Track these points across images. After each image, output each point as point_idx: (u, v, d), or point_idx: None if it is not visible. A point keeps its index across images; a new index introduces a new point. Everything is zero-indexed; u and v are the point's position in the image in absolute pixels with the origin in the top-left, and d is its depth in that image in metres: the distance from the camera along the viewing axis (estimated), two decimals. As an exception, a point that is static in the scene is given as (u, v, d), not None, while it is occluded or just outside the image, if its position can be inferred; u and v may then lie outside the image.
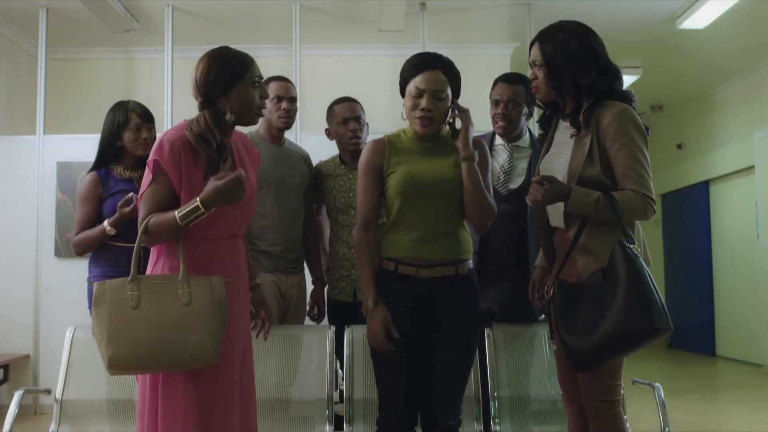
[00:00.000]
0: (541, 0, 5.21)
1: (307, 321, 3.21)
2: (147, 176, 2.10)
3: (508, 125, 3.00)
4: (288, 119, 3.10)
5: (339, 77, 5.85)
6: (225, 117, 2.15)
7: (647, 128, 2.19)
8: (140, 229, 2.05)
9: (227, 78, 2.13)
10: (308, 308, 3.20)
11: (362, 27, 5.69)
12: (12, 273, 5.05)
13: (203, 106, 2.14)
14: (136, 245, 2.06)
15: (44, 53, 5.23)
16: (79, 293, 3.05)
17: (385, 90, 4.24)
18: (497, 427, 2.83)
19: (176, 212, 2.02)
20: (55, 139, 5.16)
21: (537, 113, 2.57)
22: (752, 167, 7.07)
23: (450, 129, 2.44)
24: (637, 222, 2.28)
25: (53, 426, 2.82)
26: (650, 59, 6.58)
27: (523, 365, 2.95)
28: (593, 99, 2.18)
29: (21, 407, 2.82)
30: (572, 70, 2.18)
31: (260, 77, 2.22)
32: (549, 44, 2.21)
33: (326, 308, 3.19)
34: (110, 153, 2.99)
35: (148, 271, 2.14)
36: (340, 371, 3.01)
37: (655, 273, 3.12)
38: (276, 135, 3.13)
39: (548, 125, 2.38)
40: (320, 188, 3.19)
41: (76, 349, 2.92)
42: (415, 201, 2.36)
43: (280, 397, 2.86)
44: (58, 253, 5.03)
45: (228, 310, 2.05)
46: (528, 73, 2.37)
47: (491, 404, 2.86)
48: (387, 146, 2.43)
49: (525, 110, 3.03)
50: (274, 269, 3.01)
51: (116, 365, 1.95)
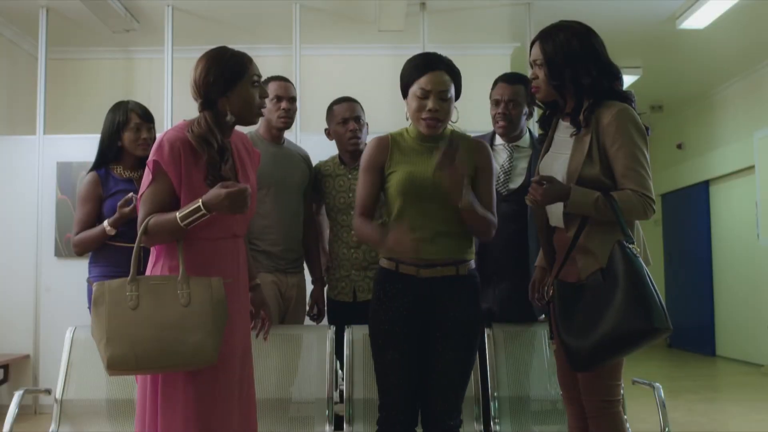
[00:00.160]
0: (541, 0, 5.21)
1: (307, 321, 3.21)
2: (147, 176, 2.10)
3: (509, 125, 3.00)
4: (288, 119, 3.10)
5: (339, 77, 5.85)
6: (225, 118, 2.15)
7: (647, 128, 2.19)
8: (140, 230, 2.05)
9: (227, 78, 2.13)
10: (308, 308, 3.20)
11: (362, 27, 5.69)
12: (12, 273, 5.05)
13: (203, 107, 2.14)
14: (136, 245, 2.06)
15: (44, 53, 5.23)
16: (79, 293, 3.05)
17: (385, 90, 4.24)
18: (497, 427, 2.83)
19: (177, 213, 2.02)
20: (55, 139, 5.16)
21: (537, 113, 2.57)
22: (752, 167, 7.07)
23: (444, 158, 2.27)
24: (637, 222, 2.27)
25: (53, 426, 2.82)
26: (650, 59, 6.58)
27: (523, 365, 2.95)
28: (594, 99, 2.18)
29: (21, 407, 2.82)
30: (573, 70, 2.18)
31: (259, 76, 2.22)
32: (550, 43, 2.21)
33: (326, 308, 3.20)
34: (110, 153, 2.99)
35: (148, 272, 2.14)
36: (340, 371, 3.01)
37: (655, 273, 3.12)
38: (275, 135, 3.13)
39: (548, 125, 2.38)
40: (320, 188, 3.19)
41: (76, 349, 2.92)
42: (416, 201, 2.35)
43: (280, 397, 2.86)
44: (58, 253, 5.03)
45: (228, 310, 2.05)
46: (528, 73, 2.37)
47: (491, 404, 2.86)
48: (390, 144, 2.43)
49: (525, 110, 3.03)
50: (274, 269, 3.02)
51: (115, 366, 1.95)
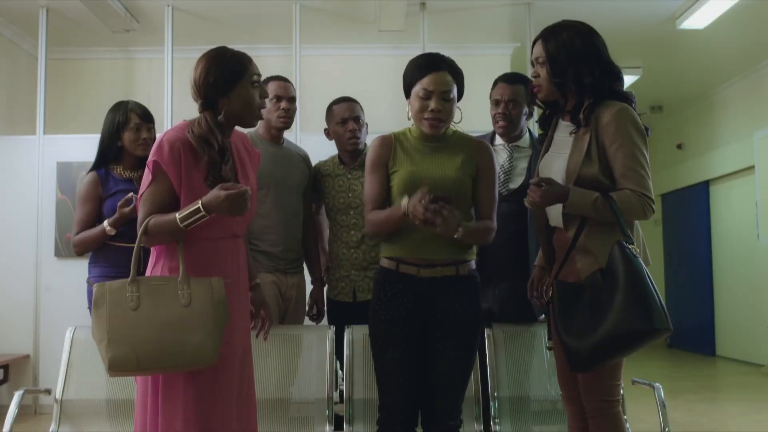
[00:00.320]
0: (541, 0, 5.21)
1: (307, 321, 3.21)
2: (147, 177, 2.10)
3: (509, 125, 3.00)
4: (287, 119, 3.10)
5: (339, 77, 5.85)
6: (220, 118, 2.14)
7: (647, 129, 2.19)
8: (140, 230, 2.04)
9: (227, 78, 2.13)
10: (307, 308, 3.20)
11: (362, 27, 5.69)
12: (12, 273, 5.05)
13: (204, 108, 2.14)
14: (136, 246, 2.06)
15: (44, 53, 5.23)
16: (79, 293, 3.05)
17: (385, 90, 4.25)
18: (497, 427, 2.83)
19: (177, 214, 2.02)
20: (55, 139, 5.16)
21: (537, 113, 2.57)
22: (752, 167, 7.07)
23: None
24: (637, 222, 2.27)
25: (53, 426, 2.82)
26: (650, 59, 6.58)
27: (523, 365, 2.95)
28: (594, 98, 2.18)
29: (21, 407, 2.82)
30: (575, 68, 2.18)
31: (259, 76, 2.22)
32: (553, 42, 2.21)
33: (326, 308, 3.20)
34: (110, 153, 2.99)
35: (148, 272, 2.14)
36: (340, 371, 3.01)
37: (655, 273, 3.11)
38: (275, 135, 3.13)
39: (548, 125, 2.38)
40: (319, 188, 3.19)
41: (76, 349, 2.92)
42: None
43: (280, 397, 2.86)
44: (58, 253, 5.03)
45: (228, 311, 2.05)
46: (528, 73, 2.36)
47: (491, 404, 2.86)
48: (393, 143, 2.44)
49: (525, 110, 3.03)
50: (274, 269, 3.02)
51: (117, 367, 1.95)
